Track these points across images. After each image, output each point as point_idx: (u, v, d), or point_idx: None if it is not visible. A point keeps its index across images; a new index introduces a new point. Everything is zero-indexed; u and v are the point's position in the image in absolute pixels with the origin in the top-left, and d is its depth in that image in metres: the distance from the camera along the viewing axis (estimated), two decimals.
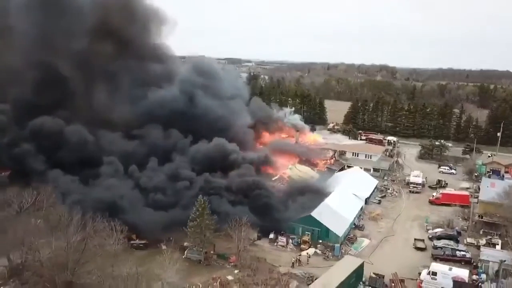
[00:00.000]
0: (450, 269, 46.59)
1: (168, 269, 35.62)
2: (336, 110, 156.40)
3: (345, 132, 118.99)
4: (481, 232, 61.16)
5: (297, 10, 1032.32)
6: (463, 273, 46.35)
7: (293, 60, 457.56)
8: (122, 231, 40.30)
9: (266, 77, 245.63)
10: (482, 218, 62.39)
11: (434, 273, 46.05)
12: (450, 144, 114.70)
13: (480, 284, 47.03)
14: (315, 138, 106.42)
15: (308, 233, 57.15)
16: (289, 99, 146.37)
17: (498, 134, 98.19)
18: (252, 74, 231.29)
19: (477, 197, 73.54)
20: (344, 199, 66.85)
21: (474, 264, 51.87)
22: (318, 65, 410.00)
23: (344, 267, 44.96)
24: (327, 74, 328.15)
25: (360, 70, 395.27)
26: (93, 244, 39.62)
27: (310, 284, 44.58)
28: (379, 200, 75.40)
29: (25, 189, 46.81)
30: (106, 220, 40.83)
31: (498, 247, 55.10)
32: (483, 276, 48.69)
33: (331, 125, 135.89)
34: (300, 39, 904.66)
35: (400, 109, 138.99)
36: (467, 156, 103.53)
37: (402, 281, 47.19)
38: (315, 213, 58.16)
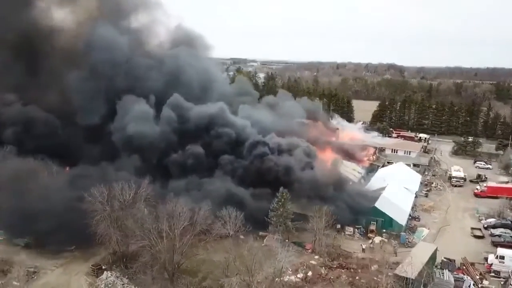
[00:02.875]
0: None
1: (282, 251, 39.94)
2: (360, 109, 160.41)
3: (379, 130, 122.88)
4: None
5: (299, 10, 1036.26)
6: None
7: (298, 59, 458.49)
8: (237, 217, 44.47)
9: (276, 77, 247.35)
10: None
11: (502, 257, 50.11)
12: (480, 140, 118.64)
13: None
14: (352, 134, 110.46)
15: (373, 222, 61.25)
16: (317, 98, 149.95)
17: None
18: (270, 74, 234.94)
19: None
20: (398, 192, 70.85)
21: None
22: (326, 65, 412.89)
23: (423, 251, 48.84)
24: (337, 73, 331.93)
25: (369, 69, 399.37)
26: (201, 229, 43.92)
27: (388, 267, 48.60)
28: (425, 194, 79.41)
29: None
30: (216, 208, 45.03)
31: None
32: None
33: (359, 124, 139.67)
34: (302, 39, 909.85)
35: (428, 107, 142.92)
36: (501, 151, 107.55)
37: (472, 264, 51.30)
38: (378, 204, 62.27)
